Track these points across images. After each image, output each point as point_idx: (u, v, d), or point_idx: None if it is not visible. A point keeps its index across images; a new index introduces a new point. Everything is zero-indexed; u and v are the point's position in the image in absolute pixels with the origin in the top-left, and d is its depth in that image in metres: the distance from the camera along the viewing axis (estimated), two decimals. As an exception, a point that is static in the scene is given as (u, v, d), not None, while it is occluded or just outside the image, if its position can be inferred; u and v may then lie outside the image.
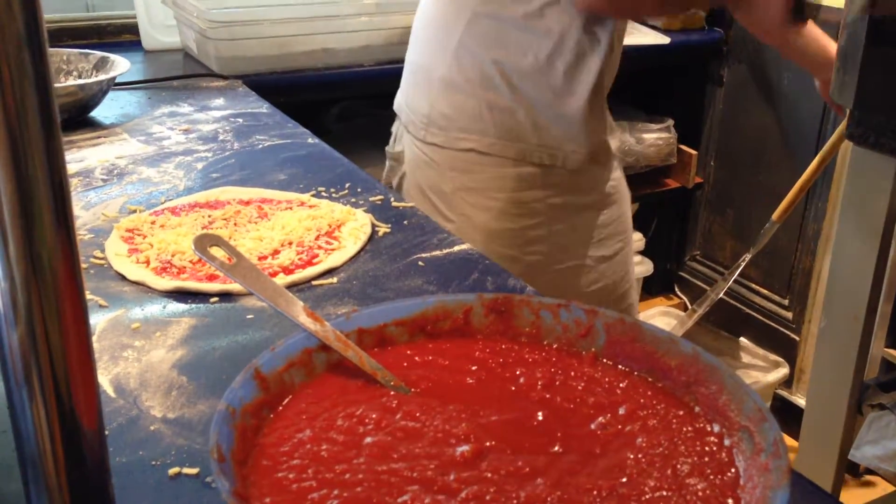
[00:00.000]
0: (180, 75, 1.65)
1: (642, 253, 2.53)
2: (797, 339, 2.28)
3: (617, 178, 1.40)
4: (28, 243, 0.37)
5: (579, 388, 0.53)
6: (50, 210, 0.38)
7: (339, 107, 2.21)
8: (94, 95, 1.35)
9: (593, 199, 1.35)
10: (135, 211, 1.03)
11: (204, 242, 0.56)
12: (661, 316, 2.53)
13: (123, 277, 0.88)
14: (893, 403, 1.48)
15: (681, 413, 0.51)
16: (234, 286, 0.84)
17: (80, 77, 1.46)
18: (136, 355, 0.74)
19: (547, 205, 1.31)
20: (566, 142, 1.28)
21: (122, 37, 1.89)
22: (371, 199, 1.09)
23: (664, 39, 2.28)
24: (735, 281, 2.48)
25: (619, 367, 0.56)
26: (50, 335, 0.38)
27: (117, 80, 1.43)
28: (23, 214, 0.37)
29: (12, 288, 0.37)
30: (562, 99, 1.27)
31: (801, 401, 2.16)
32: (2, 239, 0.37)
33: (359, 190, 1.12)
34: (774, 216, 1.62)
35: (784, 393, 2.27)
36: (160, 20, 1.87)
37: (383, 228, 1.01)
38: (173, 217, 1.00)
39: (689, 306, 2.62)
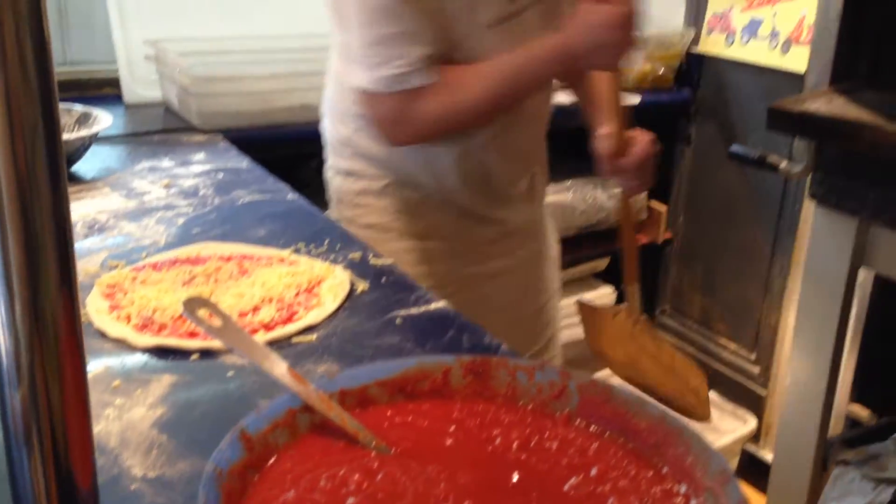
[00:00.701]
0: (161, 129, 1.67)
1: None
2: (764, 393, 2.31)
3: None
4: (33, 304, 0.39)
5: (553, 449, 0.56)
6: (55, 270, 0.39)
7: (317, 160, 2.24)
8: (77, 150, 1.37)
9: None
10: (116, 266, 1.04)
11: (193, 305, 0.58)
12: (633, 369, 2.55)
13: (104, 334, 0.89)
14: (858, 460, 1.52)
15: (650, 474, 0.53)
16: (215, 343, 0.86)
17: (62, 131, 1.48)
18: (117, 413, 0.75)
19: None
20: None
21: (103, 90, 1.92)
22: (350, 255, 1.11)
23: (634, 99, 2.35)
24: (703, 335, 2.52)
25: (592, 428, 0.58)
26: (51, 397, 0.39)
27: (99, 134, 1.45)
28: (30, 275, 0.38)
29: (16, 348, 0.39)
30: None
31: (768, 456, 2.18)
32: (8, 298, 0.38)
33: (338, 246, 1.14)
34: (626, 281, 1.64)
35: (752, 448, 2.30)
36: (142, 74, 1.90)
37: (362, 286, 1.03)
38: (154, 273, 1.02)
39: (660, 359, 2.65)
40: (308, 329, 0.92)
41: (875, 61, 1.49)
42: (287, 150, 1.86)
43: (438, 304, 0.99)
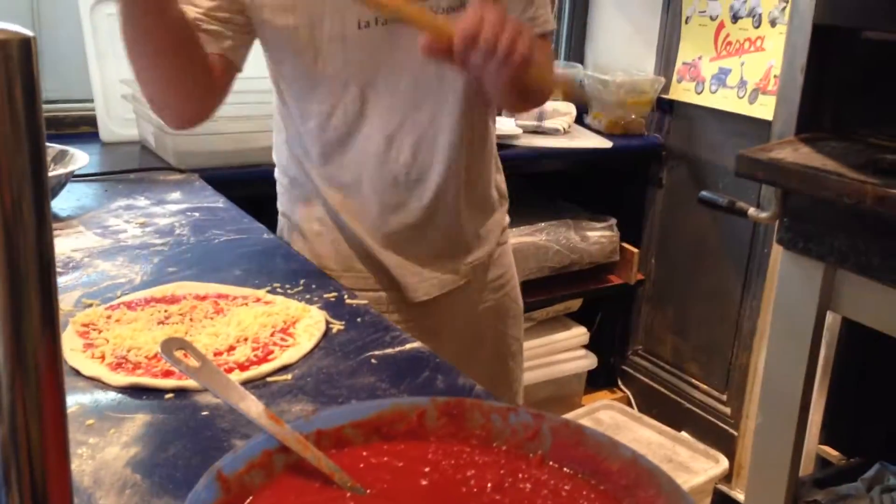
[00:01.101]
0: (137, 168, 1.68)
1: (587, 347, 2.59)
2: (736, 433, 2.33)
3: None
4: (16, 343, 0.39)
5: (527, 490, 0.56)
6: (38, 310, 0.40)
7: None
8: (53, 189, 1.37)
9: None
10: (90, 305, 1.04)
11: (170, 346, 0.58)
12: (605, 409, 2.57)
13: (78, 372, 0.88)
14: (828, 500, 1.53)
15: (621, 515, 0.54)
16: (190, 382, 0.86)
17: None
18: (90, 452, 0.74)
19: None
20: None
21: (79, 128, 1.92)
22: (325, 295, 1.12)
23: (607, 143, 2.40)
24: (675, 375, 2.54)
25: (564, 469, 0.59)
26: (31, 436, 0.40)
27: (75, 173, 1.46)
28: (13, 315, 0.39)
29: (-3, 387, 0.39)
30: None
31: (740, 496, 2.20)
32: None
33: (313, 286, 1.15)
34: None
35: (724, 488, 2.31)
36: (118, 113, 1.90)
37: (337, 325, 1.03)
38: (129, 312, 1.02)
39: (633, 400, 2.67)
40: (283, 369, 0.92)
41: (838, 112, 1.54)
42: (263, 190, 1.86)
43: (413, 345, 1.00)
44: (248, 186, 1.79)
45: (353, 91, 1.22)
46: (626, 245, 2.54)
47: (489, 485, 0.57)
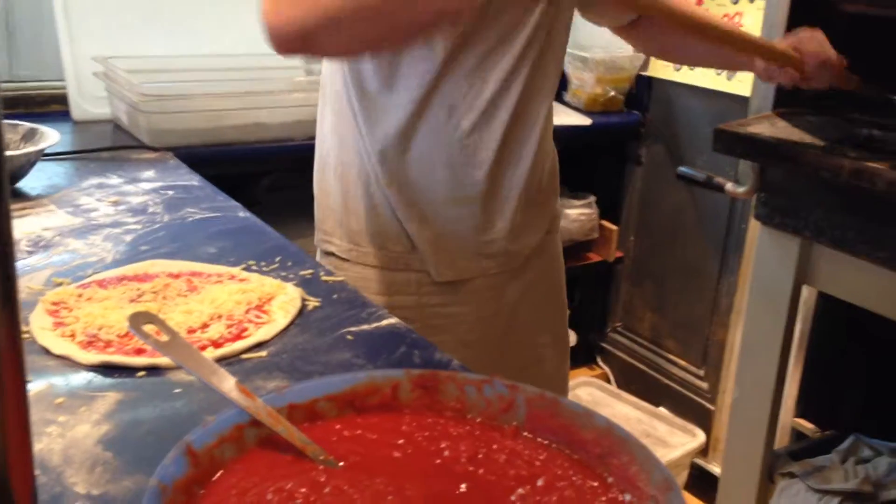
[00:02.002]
0: (110, 147, 1.65)
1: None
2: (713, 408, 2.35)
3: None
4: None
5: (501, 460, 0.56)
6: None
7: (269, 178, 2.24)
8: (22, 167, 1.35)
9: None
10: (61, 284, 1.03)
11: (139, 320, 0.57)
12: (584, 386, 2.58)
13: (48, 351, 0.87)
14: (803, 472, 1.55)
15: (595, 484, 0.54)
16: (162, 360, 0.85)
17: (7, 148, 1.46)
18: (60, 431, 0.73)
19: None
20: None
21: (50, 107, 1.89)
22: (301, 272, 1.11)
23: (586, 121, 2.39)
24: (653, 352, 2.56)
25: (539, 439, 0.59)
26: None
27: (45, 151, 1.43)
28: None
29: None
30: None
31: (717, 469, 2.22)
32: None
33: (289, 264, 1.14)
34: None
35: (701, 461, 2.33)
36: (90, 91, 1.87)
37: (313, 302, 1.02)
38: (101, 290, 1.00)
39: (611, 377, 2.69)
40: (258, 345, 0.91)
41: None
42: (238, 168, 1.85)
43: (390, 321, 0.99)
44: (223, 164, 1.77)
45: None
46: (605, 222, 2.54)
47: (463, 456, 0.57)
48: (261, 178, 2.22)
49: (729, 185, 1.64)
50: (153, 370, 0.84)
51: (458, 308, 1.26)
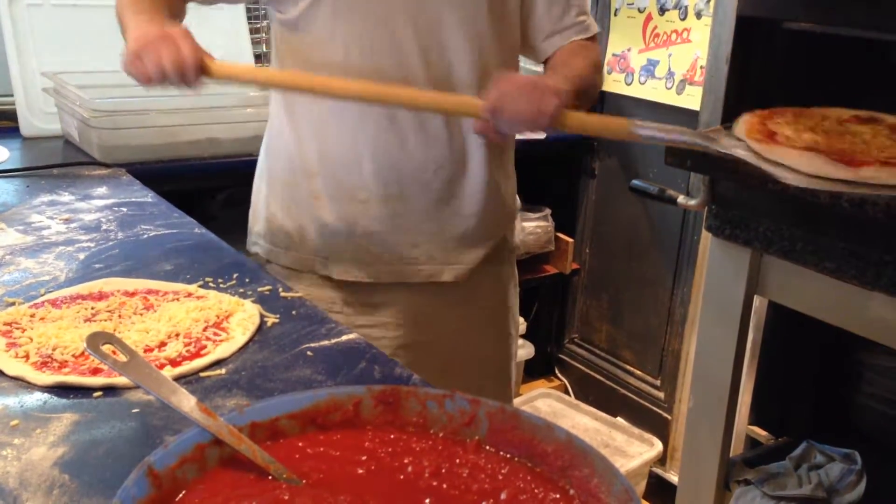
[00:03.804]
0: (61, 163, 1.63)
1: (524, 336, 2.61)
2: (669, 417, 2.38)
3: None
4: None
5: (464, 475, 0.57)
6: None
7: (225, 193, 2.22)
8: (-30, 184, 1.32)
9: None
10: (13, 303, 1.01)
11: (96, 340, 0.57)
12: (543, 398, 2.59)
13: (1, 373, 0.85)
14: (758, 479, 1.58)
15: (556, 496, 0.55)
16: (119, 380, 0.83)
17: (-46, 164, 1.43)
18: (16, 453, 0.72)
19: None
20: None
21: (-1, 122, 1.86)
22: (259, 289, 1.11)
23: (540, 134, 2.42)
24: (610, 363, 2.58)
25: (501, 453, 0.59)
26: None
27: (-6, 168, 1.41)
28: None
29: None
30: None
31: (674, 478, 2.25)
32: None
33: (247, 280, 1.13)
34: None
35: (659, 470, 2.36)
36: (39, 107, 1.84)
37: (272, 319, 1.02)
38: (54, 309, 0.99)
39: (569, 388, 2.71)
40: (217, 363, 0.91)
41: (762, 101, 1.57)
42: (193, 184, 1.83)
43: (350, 336, 0.99)
44: (177, 180, 1.75)
45: None
46: (560, 235, 2.57)
47: (426, 471, 0.57)
48: (216, 193, 2.20)
49: (681, 198, 1.67)
50: (110, 390, 0.83)
51: None
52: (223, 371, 0.89)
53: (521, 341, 2.59)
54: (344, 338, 0.99)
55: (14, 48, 1.82)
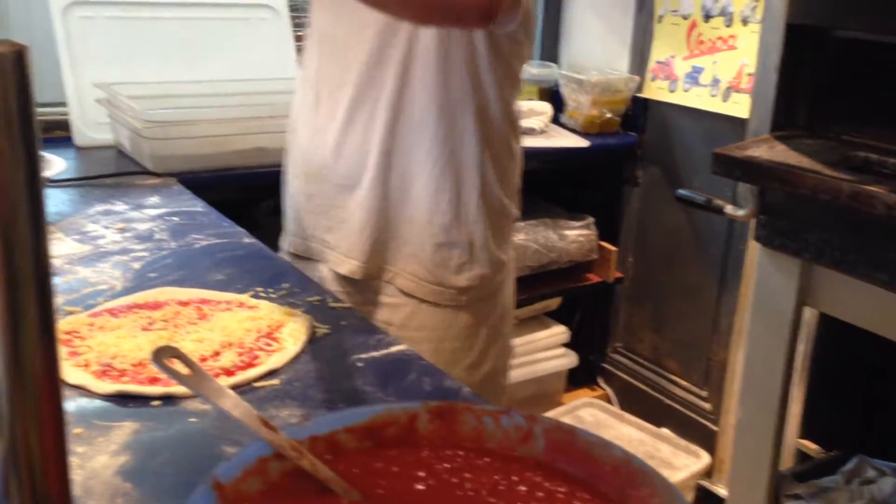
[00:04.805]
0: (114, 173, 1.66)
1: (567, 345, 2.60)
2: (716, 429, 2.35)
3: None
4: (14, 355, 0.39)
5: (522, 492, 0.57)
6: (36, 317, 0.40)
7: (270, 201, 2.24)
8: (29, 194, 1.36)
9: None
10: (72, 312, 1.03)
11: (161, 355, 0.58)
12: (586, 407, 2.58)
13: (63, 381, 0.87)
14: (809, 494, 1.55)
15: (617, 515, 0.55)
16: (177, 389, 0.85)
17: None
18: (79, 462, 0.74)
19: None
20: None
21: (53, 133, 1.90)
22: (308, 299, 1.12)
23: (584, 143, 2.41)
24: (655, 372, 2.56)
25: (558, 471, 0.59)
26: (31, 448, 0.39)
27: (50, 178, 1.44)
28: (12, 325, 0.39)
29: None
30: None
31: (722, 491, 2.22)
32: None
33: (296, 290, 1.15)
34: None
35: (706, 483, 2.33)
36: (93, 117, 1.88)
37: (322, 329, 1.03)
38: (112, 319, 1.01)
39: (613, 398, 2.69)
40: (270, 373, 0.92)
41: (812, 110, 1.56)
42: (240, 193, 1.86)
43: (399, 347, 1.00)
44: (225, 189, 1.78)
45: None
46: (603, 243, 2.56)
47: (485, 489, 0.57)
48: (260, 201, 2.23)
49: (729, 208, 1.66)
50: (168, 399, 0.85)
51: None
52: (276, 381, 0.90)
53: (563, 350, 2.58)
54: (393, 349, 1.00)
55: (68, 60, 1.86)
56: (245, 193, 1.88)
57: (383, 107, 1.24)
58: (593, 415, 2.55)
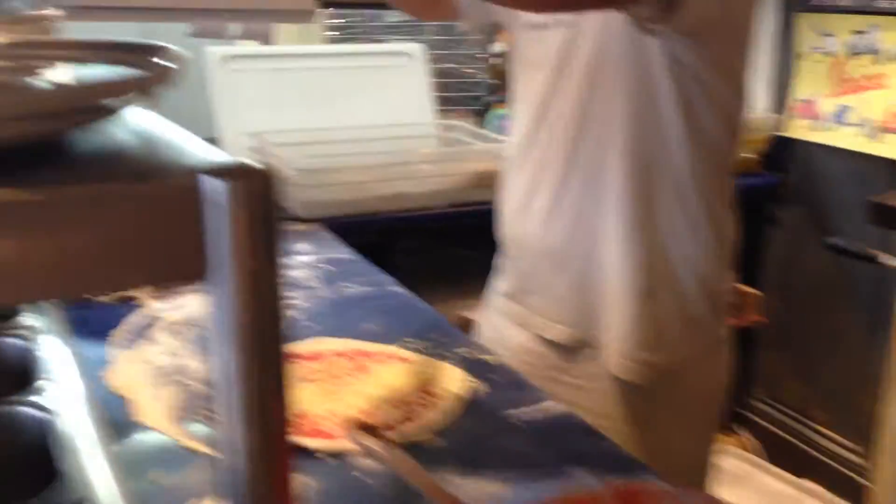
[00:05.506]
0: (267, 220, 1.73)
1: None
2: (867, 484, 2.22)
3: None
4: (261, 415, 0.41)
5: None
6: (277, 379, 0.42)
7: (406, 245, 2.29)
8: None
9: None
10: (238, 362, 1.08)
11: (357, 431, 0.60)
12: (728, 457, 2.49)
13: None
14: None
15: None
16: (342, 444, 0.87)
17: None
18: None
19: None
20: None
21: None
22: (456, 350, 1.13)
23: (722, 183, 2.35)
24: (798, 421, 2.45)
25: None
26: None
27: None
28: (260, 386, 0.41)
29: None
30: None
31: (876, 550, 2.09)
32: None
33: (444, 341, 1.16)
34: None
35: (858, 542, 2.20)
36: (245, 164, 1.97)
37: (475, 384, 1.04)
38: (275, 369, 1.05)
39: (754, 447, 2.58)
40: (427, 429, 0.93)
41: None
42: (381, 236, 1.91)
43: (553, 404, 1.00)
44: (367, 234, 1.83)
45: None
46: (744, 287, 2.47)
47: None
48: (396, 245, 2.28)
49: (883, 258, 1.58)
50: (334, 454, 0.87)
51: None
52: (434, 438, 0.91)
53: (700, 396, 2.50)
54: (548, 406, 0.99)
55: (224, 112, 1.97)
56: (386, 237, 1.92)
57: None
58: (734, 465, 2.45)
